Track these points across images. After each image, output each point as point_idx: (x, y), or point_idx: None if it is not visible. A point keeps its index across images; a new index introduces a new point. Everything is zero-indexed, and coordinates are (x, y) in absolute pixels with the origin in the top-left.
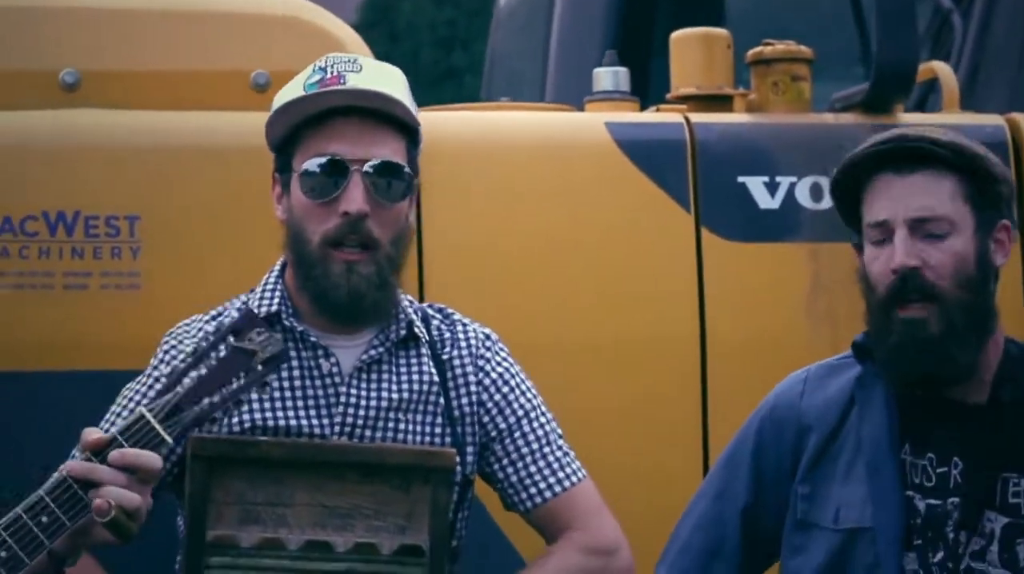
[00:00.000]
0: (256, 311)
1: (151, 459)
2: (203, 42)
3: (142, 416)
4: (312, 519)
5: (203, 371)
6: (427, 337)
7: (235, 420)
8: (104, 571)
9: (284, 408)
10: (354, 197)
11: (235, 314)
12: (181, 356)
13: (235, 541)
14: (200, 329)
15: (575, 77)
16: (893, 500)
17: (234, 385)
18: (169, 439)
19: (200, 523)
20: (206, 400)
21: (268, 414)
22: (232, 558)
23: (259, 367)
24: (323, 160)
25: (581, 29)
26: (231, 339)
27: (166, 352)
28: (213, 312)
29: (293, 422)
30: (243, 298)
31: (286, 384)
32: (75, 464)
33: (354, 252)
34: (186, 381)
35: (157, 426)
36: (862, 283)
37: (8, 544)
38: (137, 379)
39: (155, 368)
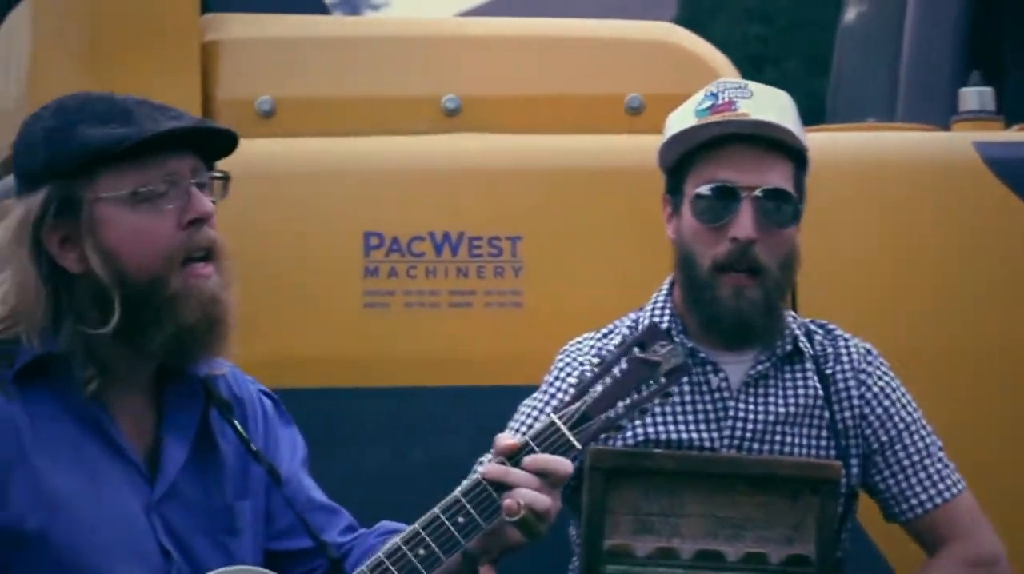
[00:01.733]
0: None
1: (561, 464)
2: (579, 67)
3: (552, 423)
4: (704, 529)
5: (609, 382)
6: (811, 352)
7: (629, 434)
8: None
9: (676, 422)
10: (744, 223)
11: (626, 331)
12: (575, 373)
13: (631, 550)
14: (592, 346)
15: (926, 96)
16: None
17: (638, 395)
18: (578, 445)
19: (597, 532)
20: (612, 409)
21: (660, 427)
22: (628, 567)
23: (662, 379)
24: (715, 186)
25: (932, 49)
26: (636, 351)
27: (560, 369)
28: (604, 330)
29: (684, 435)
30: (633, 315)
31: (677, 399)
32: (490, 467)
33: (742, 277)
34: (593, 391)
35: (567, 432)
36: None
37: (426, 542)
38: (533, 395)
39: (550, 384)
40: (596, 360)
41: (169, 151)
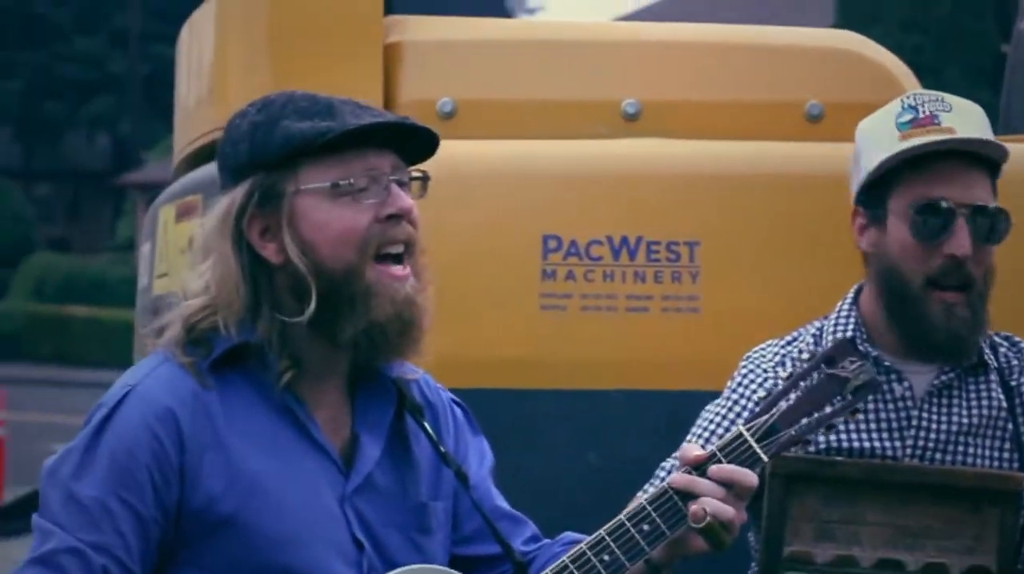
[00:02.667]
0: (837, 337)
1: (748, 476)
2: (760, 73)
3: (740, 435)
4: (884, 538)
5: (797, 395)
6: (995, 364)
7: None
8: None
9: (859, 430)
10: (962, 241)
11: (810, 339)
12: (759, 380)
13: (811, 557)
14: (776, 353)
15: None
16: None
17: (826, 410)
18: (765, 458)
19: (777, 538)
20: (800, 423)
21: (843, 436)
22: (808, 573)
23: (850, 395)
24: (931, 203)
25: None
26: (824, 367)
27: (744, 376)
28: (788, 338)
29: (867, 444)
30: (818, 323)
31: (860, 406)
32: (677, 477)
33: (952, 294)
34: (782, 404)
35: (754, 445)
36: None
37: (611, 548)
38: (716, 402)
39: (733, 390)
40: (781, 370)
41: (370, 147)
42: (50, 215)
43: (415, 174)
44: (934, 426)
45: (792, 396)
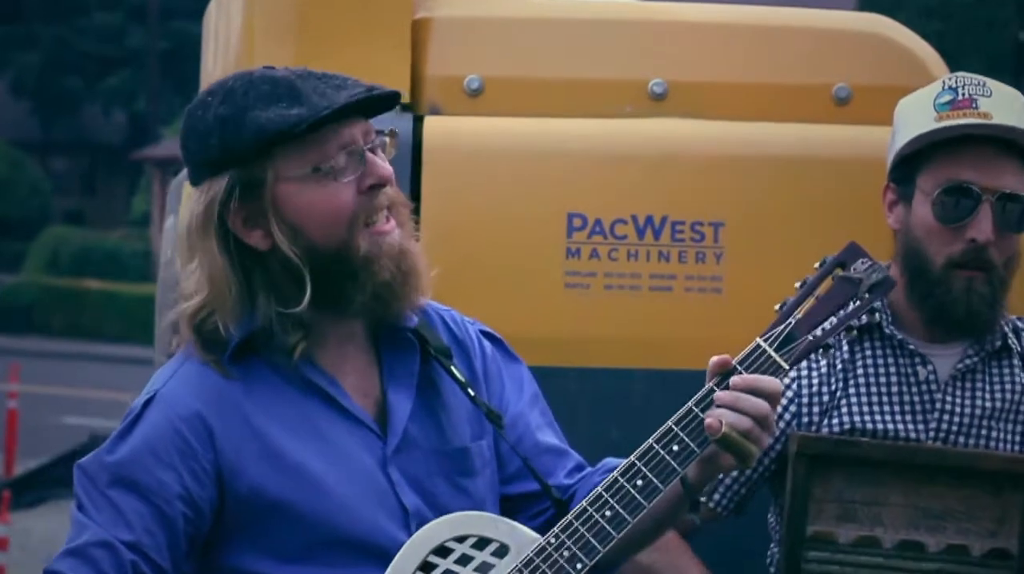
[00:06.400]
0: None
1: (771, 382)
2: (787, 55)
3: (758, 346)
4: (906, 519)
5: (812, 303)
6: (1019, 349)
7: (835, 421)
8: (694, 557)
9: (882, 412)
10: (983, 226)
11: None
12: None
13: (833, 537)
14: None
15: None
16: None
17: (842, 313)
18: (785, 366)
19: (800, 518)
20: (818, 329)
21: (867, 417)
22: (830, 554)
23: (866, 294)
24: (956, 186)
25: None
26: (838, 271)
27: None
28: None
29: (890, 426)
30: None
31: (883, 389)
32: (703, 392)
33: (973, 271)
34: (797, 313)
35: (773, 354)
36: None
37: (643, 473)
38: None
39: None
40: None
41: (341, 120)
42: (66, 188)
43: (383, 133)
44: (957, 410)
45: (807, 305)
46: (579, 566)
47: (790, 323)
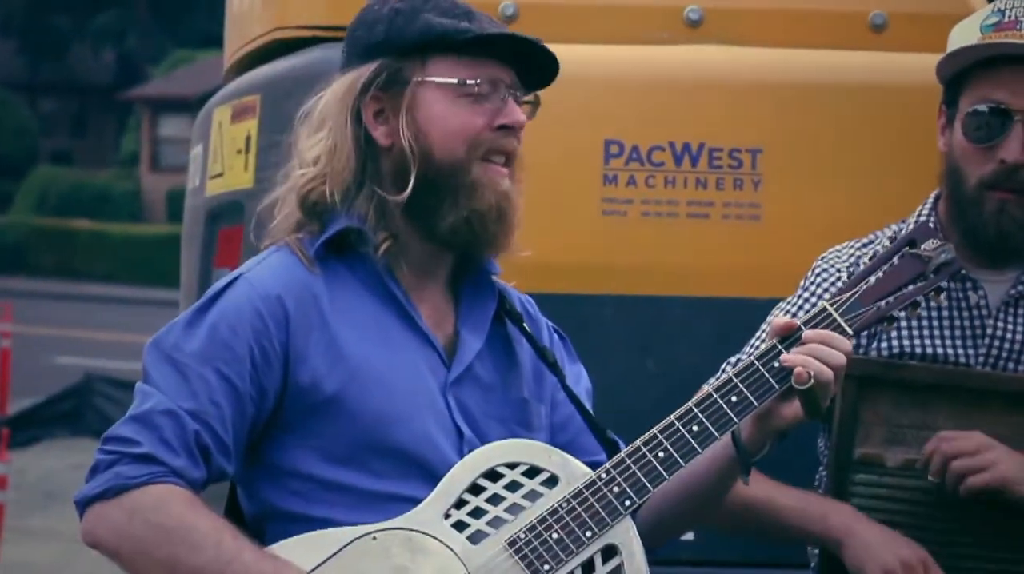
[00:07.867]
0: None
1: (843, 339)
2: None
3: (824, 309)
4: None
5: (881, 275)
6: None
7: (883, 345)
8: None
9: (932, 336)
10: (1013, 146)
11: (887, 242)
12: (832, 278)
13: (881, 460)
14: (851, 254)
15: None
16: None
17: (909, 289)
18: (849, 330)
19: (848, 440)
20: (884, 301)
21: (916, 341)
22: (877, 477)
23: (932, 274)
24: (988, 105)
25: None
26: (907, 248)
27: (817, 274)
28: (865, 239)
29: (940, 350)
30: (895, 226)
31: (934, 314)
32: (765, 348)
33: (1007, 193)
34: (863, 285)
35: (838, 318)
36: None
37: (700, 419)
38: (786, 300)
39: (804, 289)
40: (856, 271)
41: (496, 58)
42: (54, 129)
43: (528, 98)
44: (1008, 335)
45: (874, 278)
46: (627, 503)
47: (856, 292)
